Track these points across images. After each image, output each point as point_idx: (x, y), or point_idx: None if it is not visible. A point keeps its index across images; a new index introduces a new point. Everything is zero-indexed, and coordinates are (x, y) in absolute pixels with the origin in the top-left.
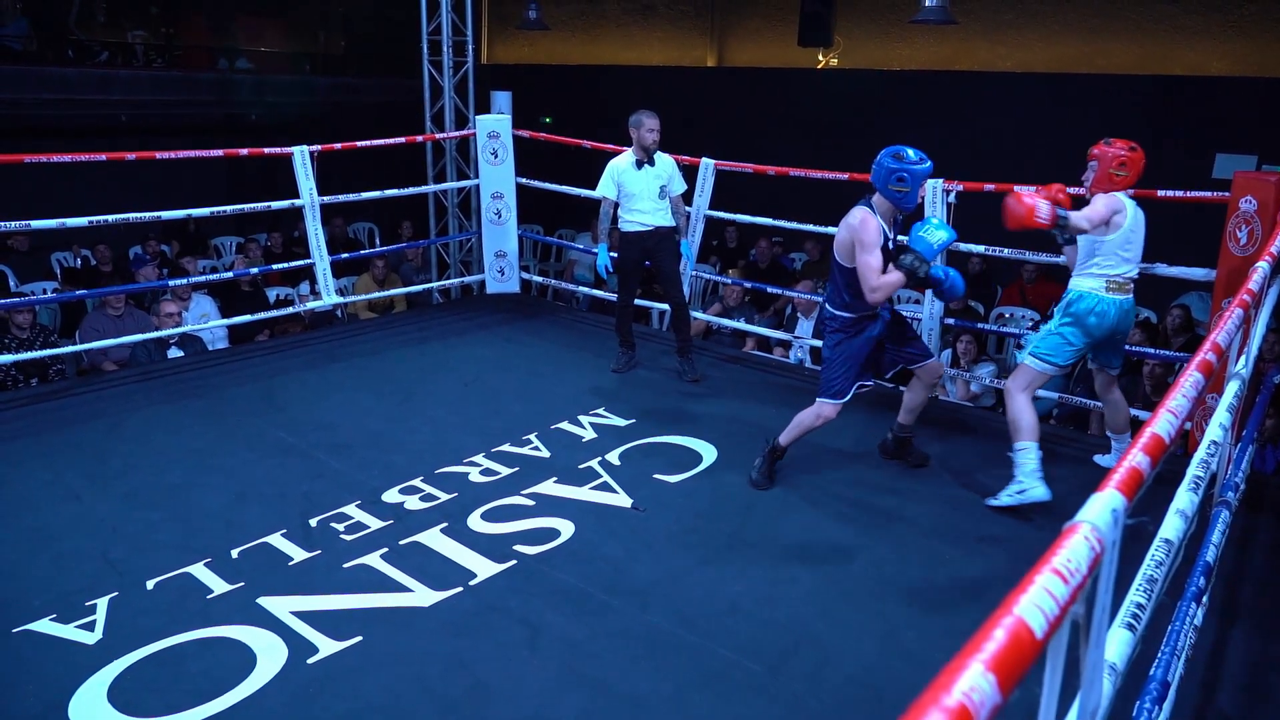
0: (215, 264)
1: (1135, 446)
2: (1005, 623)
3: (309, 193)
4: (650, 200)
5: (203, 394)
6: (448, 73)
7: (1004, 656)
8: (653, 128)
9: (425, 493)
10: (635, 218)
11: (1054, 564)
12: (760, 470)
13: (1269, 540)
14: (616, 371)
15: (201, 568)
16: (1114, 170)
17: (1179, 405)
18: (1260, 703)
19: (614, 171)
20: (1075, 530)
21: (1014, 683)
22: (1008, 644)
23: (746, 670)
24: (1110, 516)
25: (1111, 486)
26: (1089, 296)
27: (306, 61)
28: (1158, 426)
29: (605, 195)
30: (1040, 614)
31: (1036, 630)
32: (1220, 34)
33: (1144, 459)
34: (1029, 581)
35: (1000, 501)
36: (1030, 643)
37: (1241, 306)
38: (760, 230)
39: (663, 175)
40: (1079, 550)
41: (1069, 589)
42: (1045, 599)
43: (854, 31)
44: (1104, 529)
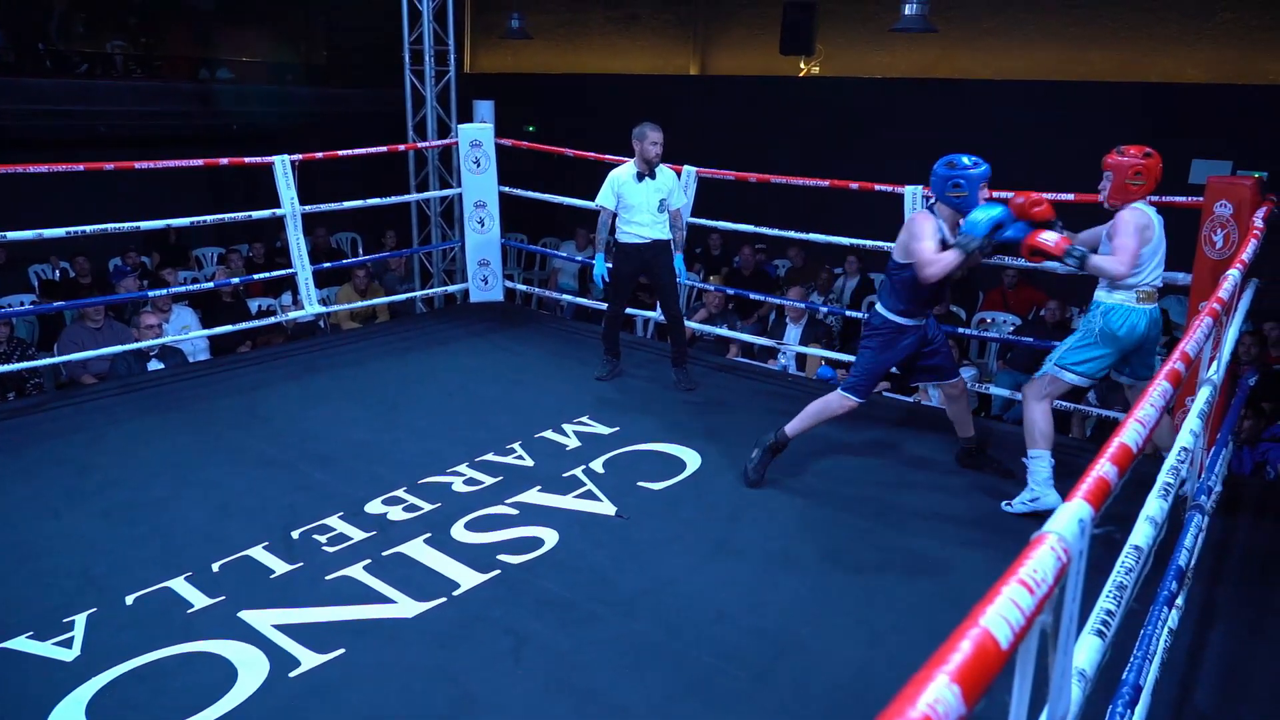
0: (196, 275)
1: (1103, 456)
2: (971, 634)
3: (290, 202)
4: (649, 213)
5: (184, 406)
6: (430, 82)
7: (969, 668)
8: (656, 140)
9: (408, 503)
10: (633, 229)
11: (1020, 575)
12: (755, 466)
13: (1245, 541)
14: (601, 380)
15: (182, 582)
16: (1130, 180)
17: (1147, 415)
18: (1237, 703)
19: (615, 182)
20: (1042, 541)
21: (979, 693)
22: (973, 655)
23: (733, 678)
24: (1077, 527)
25: (1079, 497)
26: (1120, 309)
27: (289, 72)
28: (1125, 436)
29: (604, 205)
30: (1006, 625)
31: (1002, 641)
32: (1195, 42)
33: (1111, 469)
34: (995, 592)
35: (1015, 509)
36: (996, 653)
37: (1211, 315)
38: (744, 238)
39: (663, 189)
40: (1045, 561)
41: (1035, 599)
42: (1011, 610)
43: (835, 40)
44: (1070, 539)
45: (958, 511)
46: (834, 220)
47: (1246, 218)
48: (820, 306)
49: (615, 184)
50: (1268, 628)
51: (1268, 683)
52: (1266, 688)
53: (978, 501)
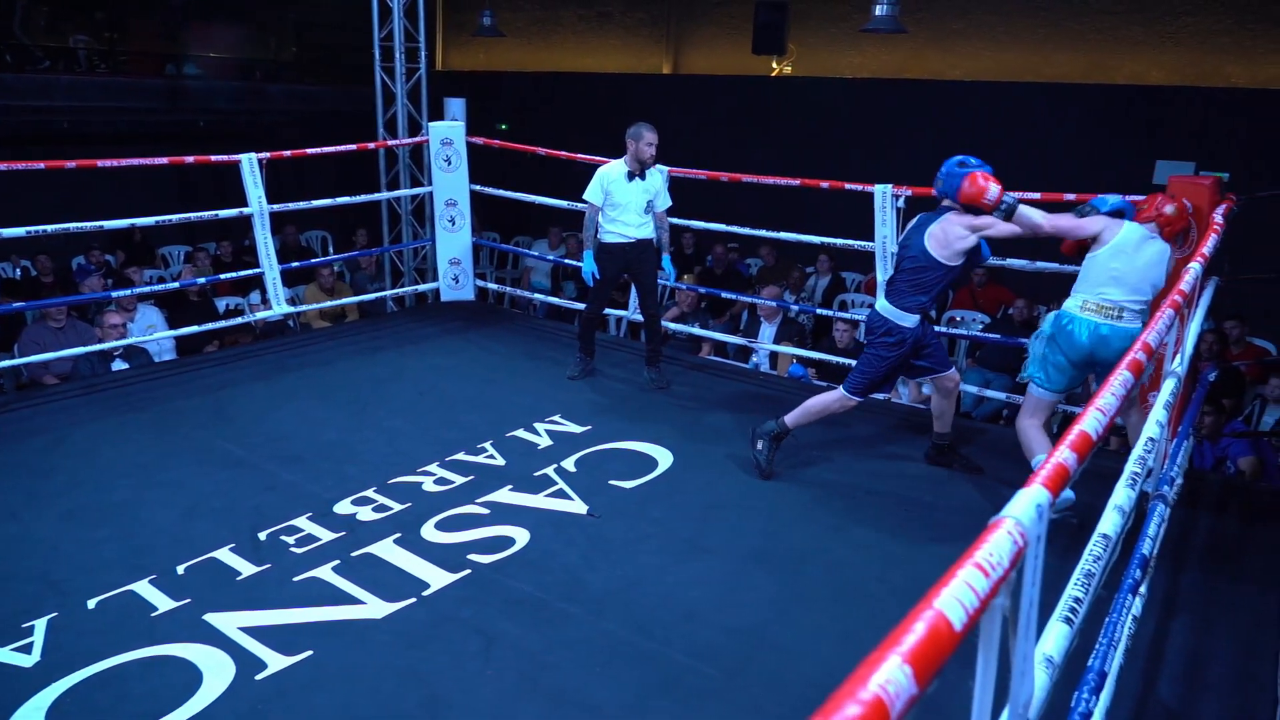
0: (163, 274)
1: (1062, 443)
2: (925, 616)
3: (258, 200)
4: (636, 213)
5: (149, 407)
6: (400, 79)
7: (921, 649)
8: (651, 141)
9: (378, 503)
10: (618, 228)
11: (976, 558)
12: (765, 456)
13: (1206, 534)
14: (573, 379)
15: (146, 585)
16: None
17: (1107, 404)
18: (1199, 692)
19: (604, 179)
20: (999, 525)
21: (931, 674)
22: (926, 637)
23: (704, 676)
24: (1034, 511)
25: (1038, 482)
26: (1063, 314)
27: (258, 68)
28: (1085, 424)
29: (592, 201)
30: (960, 607)
31: (955, 623)
32: (1159, 44)
33: (1071, 456)
34: (950, 576)
35: None
36: (949, 635)
37: (1173, 307)
38: (716, 236)
39: (651, 189)
40: (1001, 545)
41: (990, 582)
42: (965, 593)
43: (807, 40)
44: (1027, 524)
45: (929, 508)
46: (805, 219)
47: (1207, 216)
48: (792, 305)
49: (605, 181)
50: (1227, 619)
51: (1226, 671)
52: (1225, 676)
53: (949, 498)
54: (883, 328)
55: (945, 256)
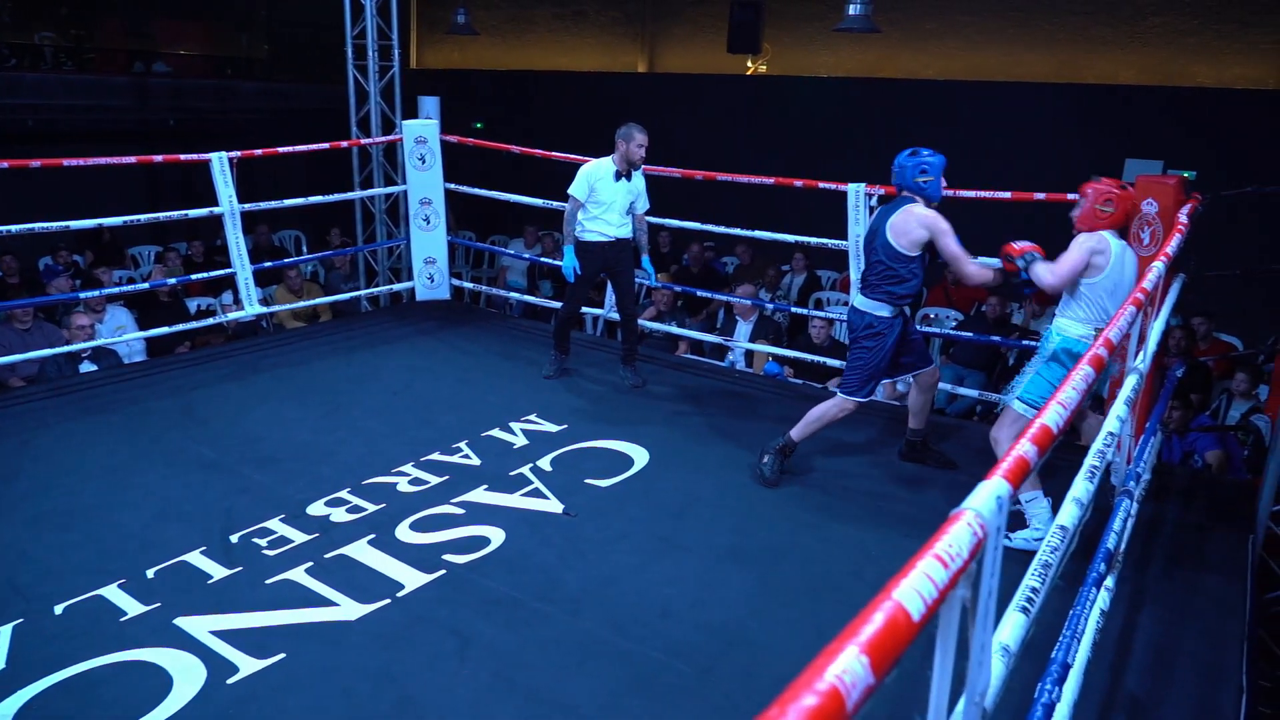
0: (133, 274)
1: (1024, 436)
2: (884, 607)
3: (228, 200)
4: (618, 213)
5: (118, 409)
6: (373, 77)
7: (879, 639)
8: (642, 143)
9: (352, 504)
10: (599, 227)
11: (935, 550)
12: (770, 468)
13: (1173, 527)
14: (549, 378)
15: (115, 589)
16: (1100, 206)
17: (1068, 398)
18: (1166, 683)
19: (591, 175)
20: (959, 517)
21: (888, 664)
22: (884, 627)
23: (679, 673)
24: (994, 504)
25: (998, 475)
26: (1077, 343)
27: (228, 66)
28: (1047, 418)
29: (576, 196)
30: (919, 598)
31: (914, 613)
32: (1128, 44)
33: (1031, 448)
34: (910, 567)
35: (1012, 543)
36: (907, 625)
37: (1135, 304)
38: (692, 235)
39: (635, 190)
40: (961, 536)
41: (949, 573)
42: (924, 583)
43: (782, 38)
44: (987, 515)
45: (903, 503)
46: (781, 218)
47: (1171, 215)
48: (767, 303)
49: (591, 177)
50: (1193, 610)
51: (1192, 661)
52: (1191, 666)
53: (923, 493)
54: (863, 323)
55: (906, 246)
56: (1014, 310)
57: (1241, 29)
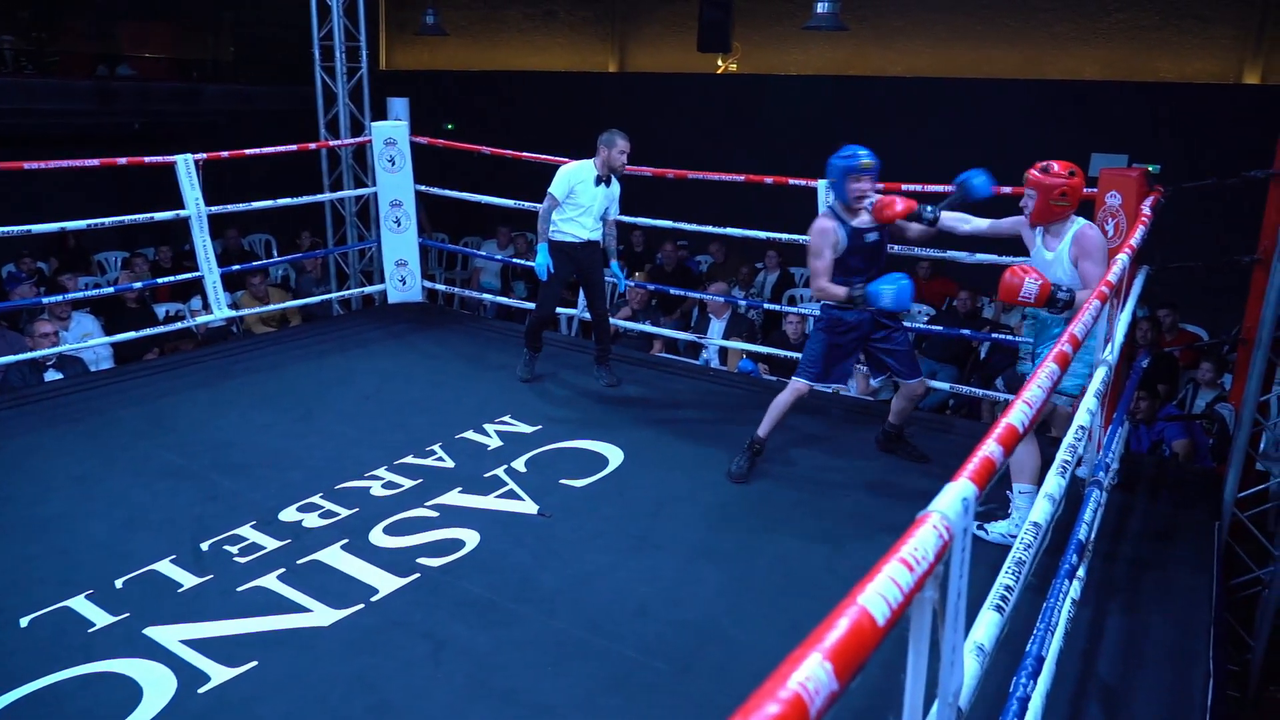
0: (99, 280)
1: (989, 437)
2: (848, 612)
3: (195, 203)
4: (593, 217)
5: (84, 418)
6: (341, 79)
7: (843, 645)
8: (624, 150)
9: (324, 509)
10: (572, 229)
11: (901, 553)
12: (739, 464)
13: (1142, 516)
14: (525, 381)
15: (82, 600)
16: (1055, 201)
17: (1034, 396)
18: (1136, 669)
19: (572, 177)
20: (925, 520)
21: (853, 670)
22: (848, 633)
23: (655, 671)
24: (960, 505)
25: (964, 476)
26: None
27: (194, 68)
28: (1012, 417)
29: (555, 195)
30: (884, 602)
31: (879, 618)
32: (1092, 40)
33: (997, 449)
34: (876, 571)
35: (990, 537)
36: (872, 631)
37: (1099, 298)
38: (665, 234)
39: (612, 196)
40: (927, 539)
41: (915, 576)
42: (890, 588)
43: (752, 37)
44: (953, 518)
45: (878, 499)
46: (753, 215)
47: (1135, 207)
48: (740, 300)
49: (572, 179)
50: (1162, 597)
51: (1162, 648)
52: (1161, 653)
53: (896, 488)
54: (818, 314)
55: None
56: (984, 304)
57: (1201, 24)
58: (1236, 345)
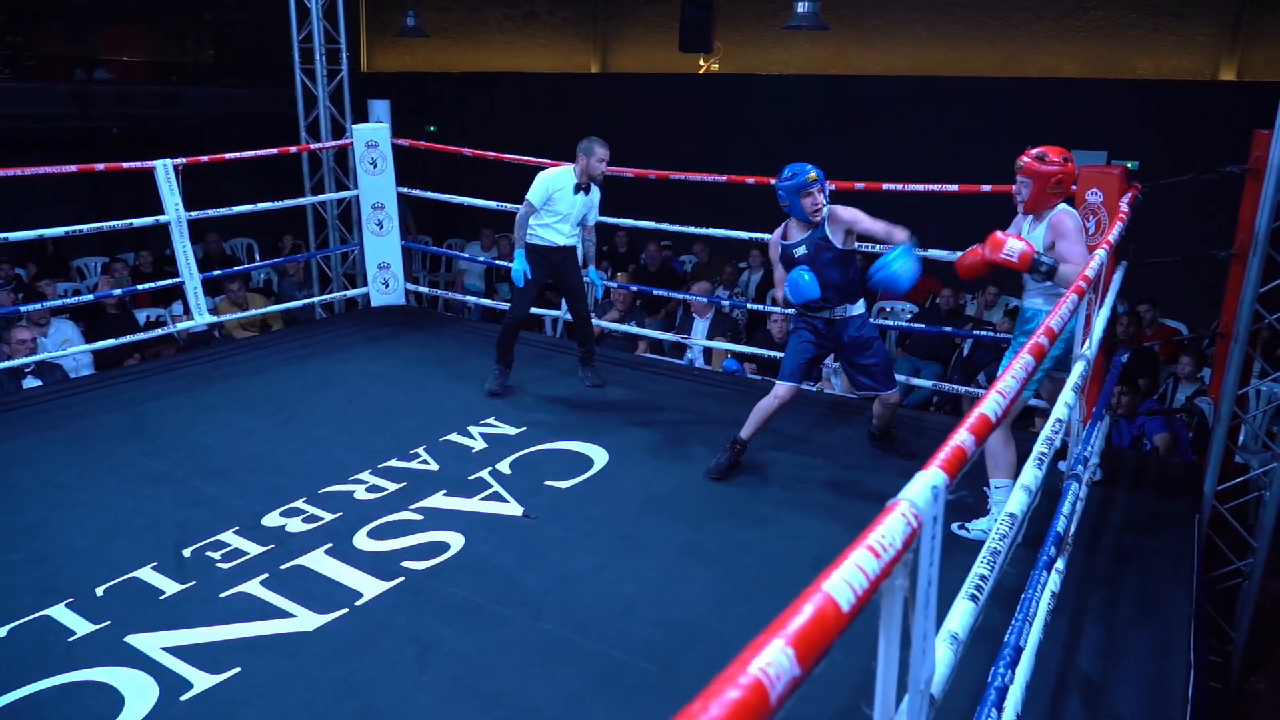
0: (78, 286)
1: (962, 426)
2: (813, 599)
3: (174, 208)
4: (571, 224)
5: (64, 425)
6: (321, 82)
7: (806, 631)
8: (603, 157)
9: (308, 514)
10: (549, 235)
11: (869, 541)
12: (718, 462)
13: (1123, 509)
14: (494, 393)
15: (62, 609)
16: (1050, 190)
17: (1008, 387)
18: (1116, 661)
19: (551, 184)
20: (894, 508)
21: (816, 656)
22: (812, 619)
23: (641, 671)
24: (930, 493)
25: (935, 465)
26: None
27: (174, 71)
28: (985, 407)
29: (533, 201)
30: (849, 589)
31: (843, 604)
32: (1070, 38)
33: (969, 438)
34: (843, 558)
35: (970, 535)
36: (835, 617)
37: (1077, 293)
38: (649, 234)
39: (591, 203)
40: (894, 527)
41: (881, 564)
42: (856, 575)
43: (733, 37)
44: (922, 505)
45: (863, 496)
46: (737, 215)
47: (1114, 204)
48: (724, 300)
49: (551, 186)
50: (1143, 588)
51: (1142, 640)
52: (1141, 644)
53: (881, 484)
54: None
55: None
56: (967, 301)
57: (1177, 21)
58: (1215, 339)
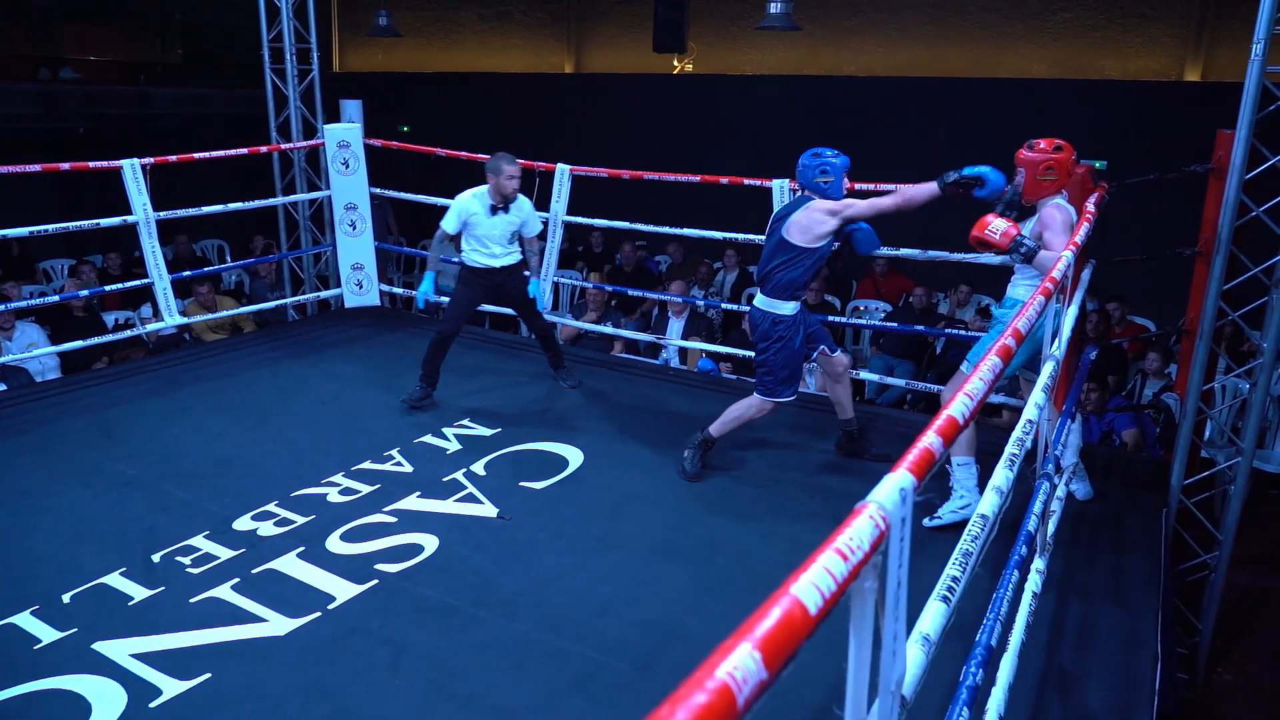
0: (44, 289)
1: (930, 428)
2: (780, 602)
3: (142, 208)
4: (500, 244)
5: (30, 429)
6: (292, 81)
7: (774, 635)
8: (513, 175)
9: (280, 517)
10: (479, 258)
11: (836, 543)
12: (691, 462)
13: (1094, 504)
14: (413, 406)
15: (28, 617)
16: (1041, 176)
17: (975, 389)
18: (1088, 654)
19: (464, 210)
20: (862, 510)
21: (783, 659)
22: (779, 623)
23: (616, 671)
24: (898, 495)
25: (903, 467)
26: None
27: (142, 71)
28: (953, 409)
29: (446, 229)
30: (817, 592)
31: (811, 607)
32: (1039, 39)
33: (937, 440)
34: (811, 561)
35: (943, 520)
36: (803, 620)
37: (1044, 294)
38: (624, 235)
39: (515, 221)
40: (862, 529)
41: (849, 566)
42: (823, 577)
43: (707, 37)
44: (890, 508)
45: (836, 496)
46: (711, 215)
47: (1079, 203)
48: (699, 300)
49: (464, 211)
50: (1112, 583)
51: (1112, 633)
52: (1111, 637)
53: (854, 483)
54: (768, 323)
55: (807, 241)
56: (940, 300)
57: (1143, 23)
58: (1181, 336)
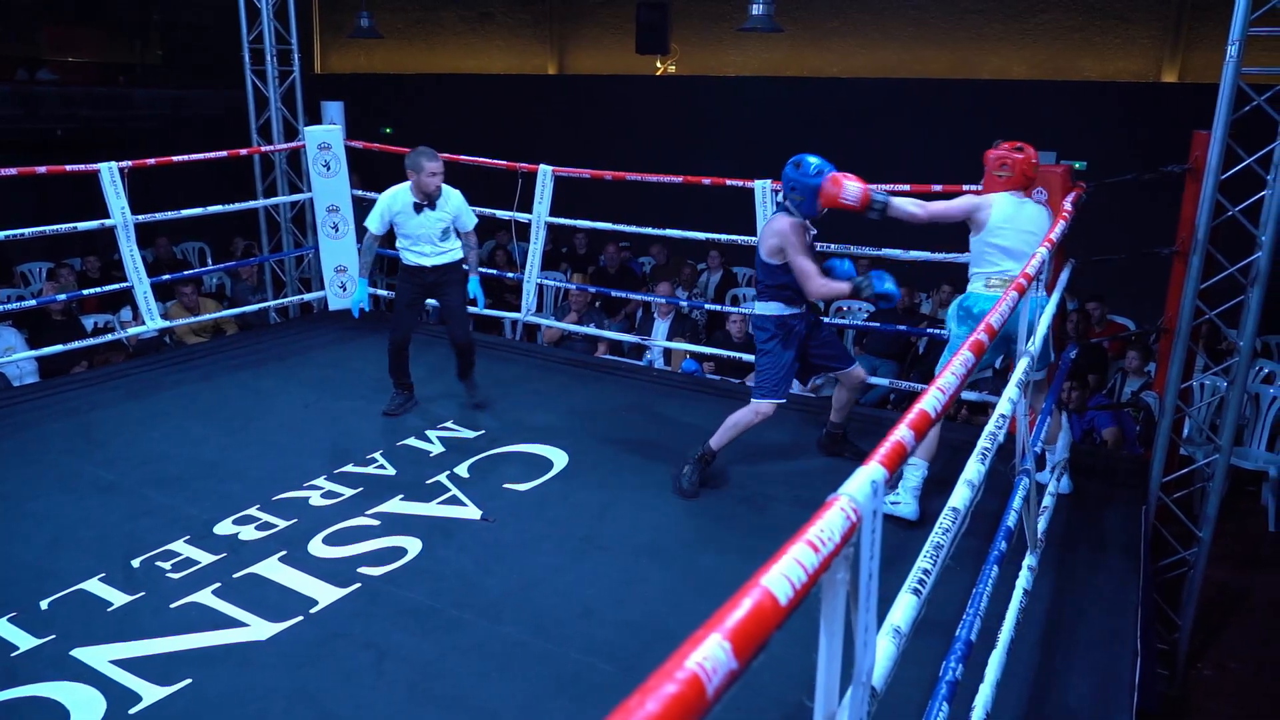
0: (22, 293)
1: (902, 422)
2: (751, 593)
3: (120, 211)
4: (430, 243)
5: (8, 434)
6: (273, 83)
7: (743, 626)
8: (434, 171)
9: (262, 521)
10: (411, 258)
11: (808, 535)
12: (689, 478)
13: (1074, 501)
14: (390, 415)
15: (5, 624)
16: (996, 172)
17: (948, 383)
18: (1068, 649)
19: (387, 208)
20: (833, 503)
21: (753, 649)
22: (749, 613)
23: (600, 672)
24: (869, 488)
25: (875, 460)
26: (970, 296)
27: (121, 72)
28: (925, 403)
29: (371, 229)
30: (787, 583)
31: (781, 598)
32: (1019, 41)
33: (908, 434)
34: (782, 553)
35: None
36: (773, 611)
37: (1017, 290)
38: (607, 236)
39: (446, 216)
40: (833, 521)
41: (819, 558)
42: (794, 569)
43: (689, 39)
44: (861, 500)
45: (819, 492)
46: (695, 216)
47: (1057, 202)
48: (682, 301)
49: (387, 210)
50: (1093, 579)
51: (1092, 629)
52: (1091, 633)
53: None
54: (762, 325)
55: (766, 254)
56: (922, 300)
57: (1122, 24)
58: (1160, 335)
